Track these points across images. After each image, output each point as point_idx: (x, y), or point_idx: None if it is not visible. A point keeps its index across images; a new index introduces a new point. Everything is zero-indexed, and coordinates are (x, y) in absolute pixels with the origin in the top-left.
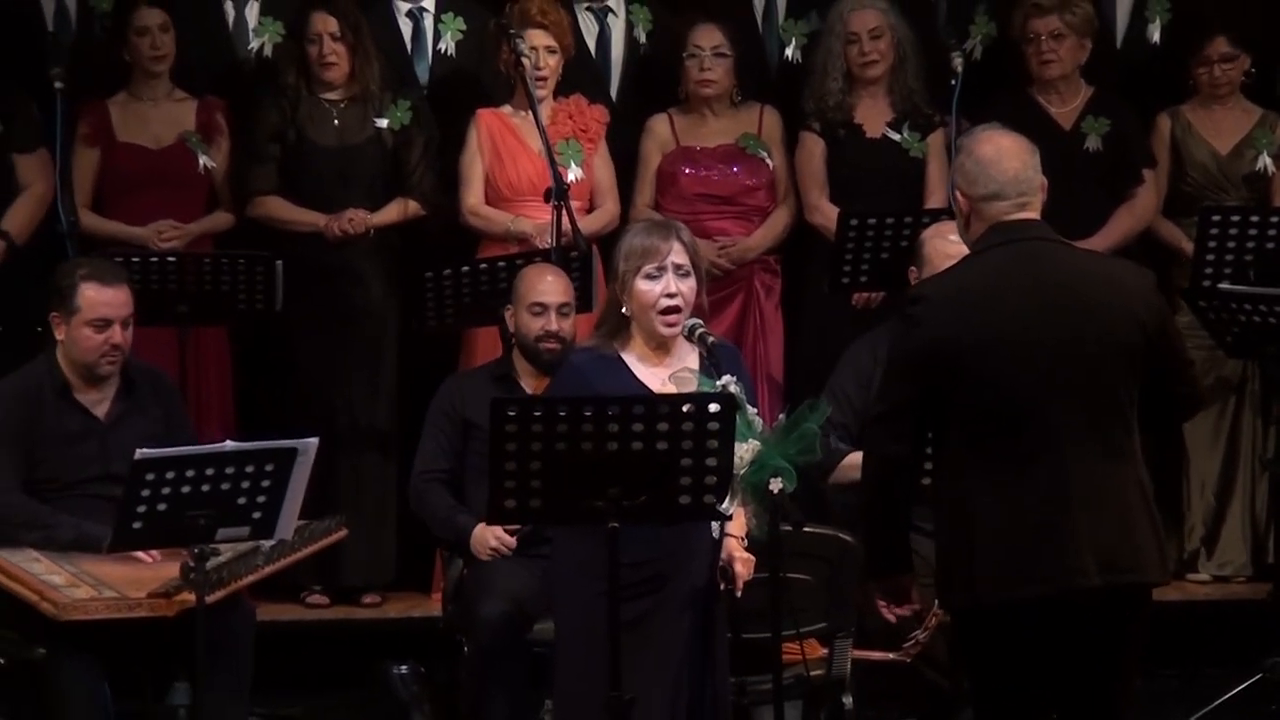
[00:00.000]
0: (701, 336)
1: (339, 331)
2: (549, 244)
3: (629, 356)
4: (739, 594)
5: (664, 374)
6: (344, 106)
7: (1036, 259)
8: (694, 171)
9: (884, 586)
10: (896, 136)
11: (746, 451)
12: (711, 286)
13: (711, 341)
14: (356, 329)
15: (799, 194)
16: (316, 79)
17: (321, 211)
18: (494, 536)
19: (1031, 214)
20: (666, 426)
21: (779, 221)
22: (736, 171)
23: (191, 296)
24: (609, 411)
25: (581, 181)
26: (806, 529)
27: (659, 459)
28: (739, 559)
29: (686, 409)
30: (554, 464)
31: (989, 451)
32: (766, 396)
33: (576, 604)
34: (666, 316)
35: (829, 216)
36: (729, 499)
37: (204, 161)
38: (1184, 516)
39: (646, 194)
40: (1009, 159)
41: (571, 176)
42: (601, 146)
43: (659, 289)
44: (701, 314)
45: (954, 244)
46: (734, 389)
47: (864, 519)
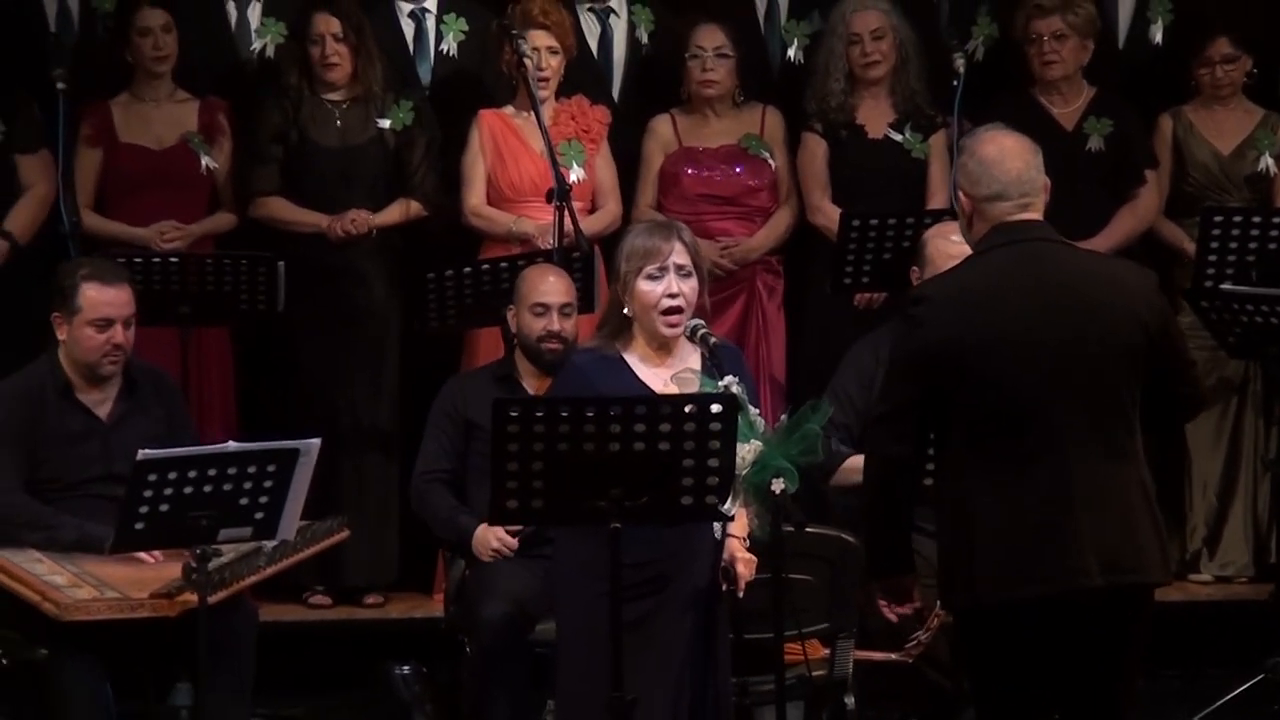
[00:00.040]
0: (703, 337)
1: (341, 332)
2: (551, 244)
3: (631, 357)
4: (741, 594)
5: (666, 374)
6: (346, 107)
7: (1039, 259)
8: (696, 172)
9: (885, 586)
10: (898, 137)
11: (748, 452)
12: (714, 287)
13: (713, 342)
14: (359, 329)
15: (801, 195)
16: (319, 80)
17: (324, 212)
18: (495, 538)
19: (1034, 214)
20: (669, 427)
21: (781, 222)
22: (739, 172)
23: (193, 297)
24: (611, 412)
25: (583, 182)
26: (808, 529)
27: (661, 459)
28: (741, 559)
29: (688, 409)
30: (556, 464)
31: (991, 452)
32: (769, 397)
33: (578, 604)
34: (668, 317)
35: (831, 217)
36: (731, 500)
37: (206, 162)
38: (1186, 517)
39: (649, 195)
40: (1012, 159)
41: (573, 177)
42: (603, 147)
43: (661, 289)
44: (703, 314)
45: (956, 244)
46: (736, 389)
47: (866, 519)
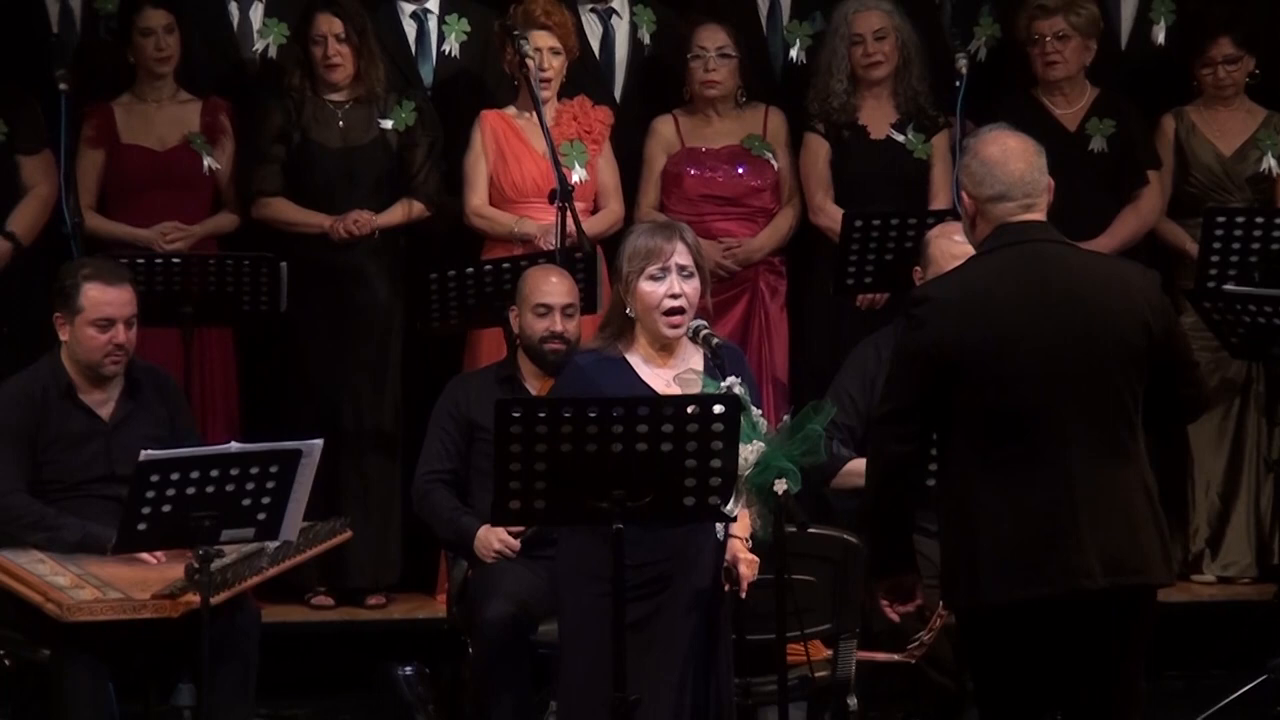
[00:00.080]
0: (706, 338)
1: (344, 333)
2: (553, 245)
3: (633, 358)
4: (743, 595)
5: (668, 375)
6: (349, 108)
7: (1042, 260)
8: (699, 173)
9: (887, 586)
10: (901, 138)
11: (751, 453)
12: (717, 288)
13: (716, 343)
14: (361, 330)
15: (803, 195)
16: (321, 80)
17: (326, 213)
18: (498, 539)
19: (1037, 215)
20: (671, 428)
21: (784, 223)
22: (741, 173)
23: (196, 298)
24: (613, 412)
25: (585, 183)
26: (811, 530)
27: (663, 460)
28: (743, 560)
29: (691, 410)
30: (558, 465)
31: (993, 452)
32: (771, 398)
33: (581, 605)
34: (670, 318)
35: (833, 218)
36: (733, 500)
37: (208, 163)
38: (1189, 518)
39: (651, 195)
40: (1015, 160)
41: (576, 178)
42: (606, 148)
43: (663, 290)
44: (705, 315)
45: (959, 244)
46: (738, 390)
47: (868, 519)
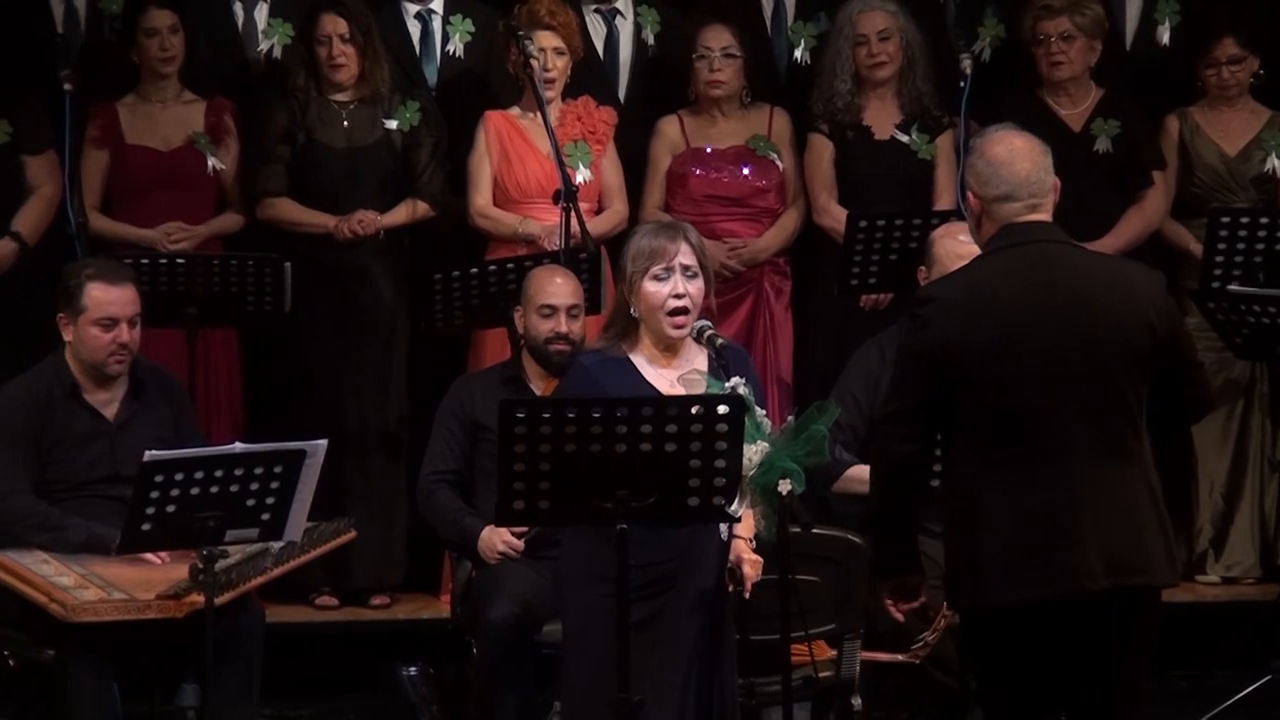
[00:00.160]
0: (710, 338)
1: (348, 333)
2: (557, 246)
3: (637, 358)
4: (747, 596)
5: (672, 375)
6: (353, 108)
7: (1046, 261)
8: (704, 173)
9: (891, 585)
10: (905, 138)
11: (755, 453)
12: (721, 288)
13: (720, 343)
14: (365, 330)
15: (808, 196)
16: (326, 80)
17: (331, 213)
18: (501, 540)
19: (1043, 215)
20: (675, 428)
21: (789, 223)
22: (746, 173)
23: (200, 298)
24: (617, 413)
25: (590, 183)
26: (815, 530)
27: (667, 461)
28: (747, 560)
29: (695, 410)
30: (563, 465)
31: (996, 453)
32: (775, 398)
33: (585, 606)
34: (674, 318)
35: (837, 219)
36: (737, 501)
37: (213, 163)
38: (1194, 519)
39: (656, 195)
40: (1021, 160)
41: (580, 178)
42: (610, 148)
43: (666, 290)
44: (710, 316)
45: (964, 244)
46: (743, 391)
47: (872, 519)
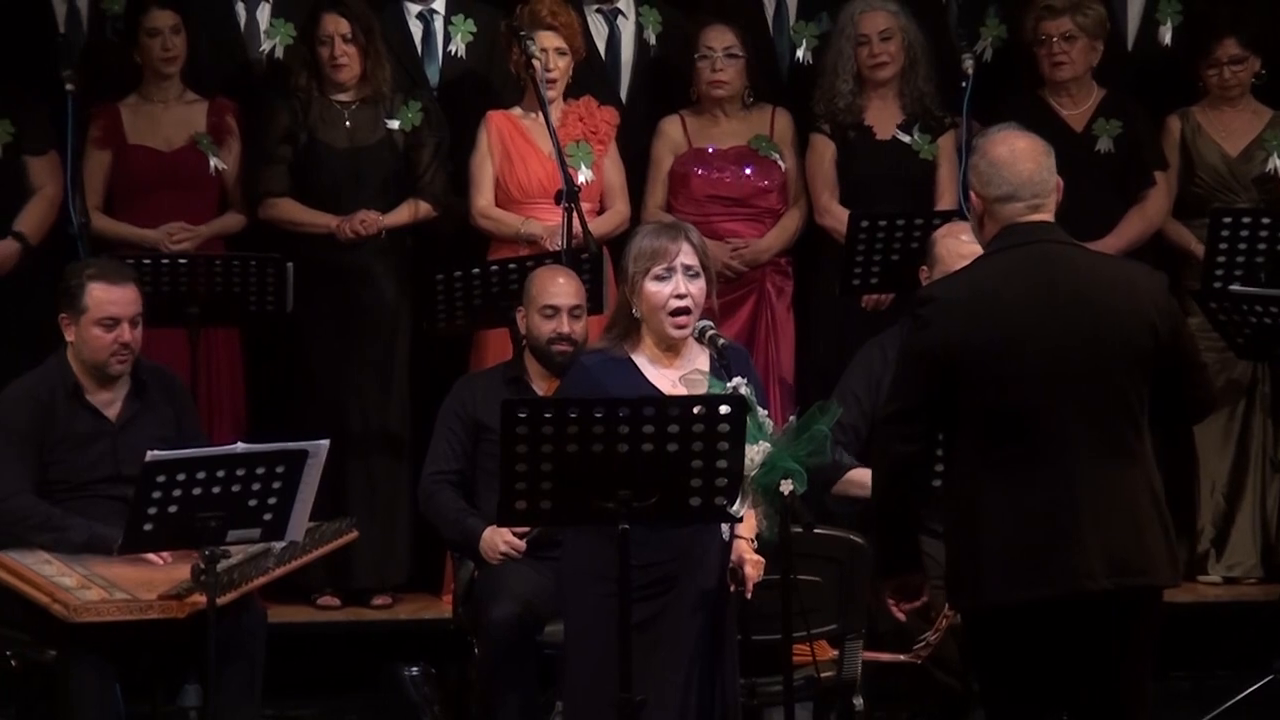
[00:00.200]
0: (712, 338)
1: (350, 333)
2: (559, 246)
3: (639, 358)
4: (749, 596)
5: (674, 376)
6: (355, 108)
7: (1048, 261)
8: (706, 173)
9: (893, 585)
10: (907, 138)
11: (757, 453)
12: (724, 288)
13: (722, 343)
14: (368, 330)
15: (810, 196)
16: (328, 81)
17: (333, 213)
18: (503, 540)
19: (1045, 216)
20: (677, 428)
21: (791, 223)
22: (749, 173)
23: (202, 298)
24: (619, 413)
25: (591, 183)
26: (817, 530)
27: (669, 461)
28: (749, 561)
29: (697, 411)
30: (564, 465)
31: (998, 453)
32: (777, 398)
33: (587, 606)
34: (676, 318)
35: (839, 219)
36: (739, 501)
37: (215, 163)
38: (1197, 519)
39: (658, 195)
40: (1023, 160)
41: (582, 178)
42: (611, 148)
43: (668, 290)
44: (711, 316)
45: (966, 244)
46: (744, 391)
47: (875, 519)
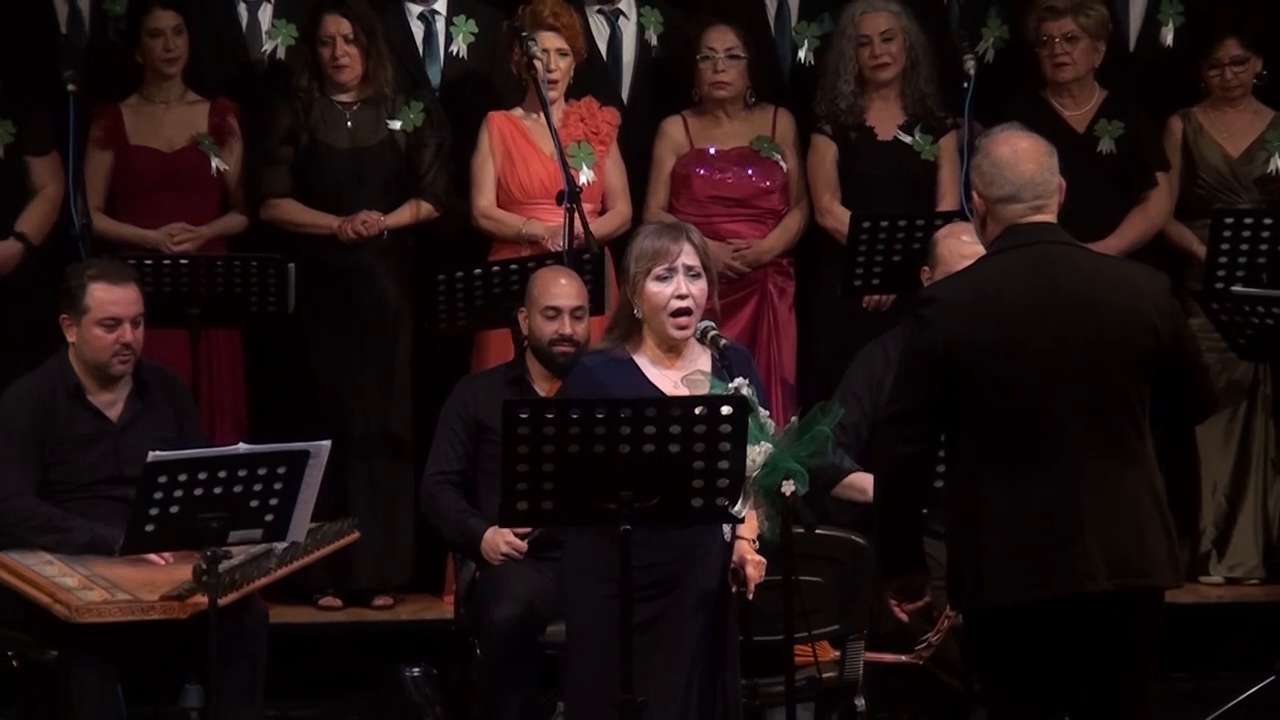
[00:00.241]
0: (714, 339)
1: (352, 333)
2: (561, 246)
3: (641, 359)
4: (750, 596)
5: (676, 376)
6: (357, 109)
7: (1050, 262)
8: (708, 174)
9: (896, 585)
10: (908, 139)
11: (758, 454)
12: (725, 289)
13: (723, 344)
14: (369, 331)
15: (811, 197)
16: (329, 81)
17: (334, 214)
18: (505, 541)
19: (1047, 216)
20: (678, 429)
21: (793, 224)
22: (751, 174)
23: (204, 299)
24: (621, 414)
25: (593, 184)
26: (819, 531)
27: (671, 461)
28: (750, 561)
29: (698, 411)
30: (566, 466)
31: (999, 454)
32: (779, 399)
33: (588, 606)
34: (677, 319)
35: (840, 219)
36: (741, 501)
37: (216, 164)
38: (1198, 520)
39: (660, 196)
40: (1026, 161)
41: (583, 179)
42: (613, 149)
43: (669, 291)
44: (713, 316)
45: (968, 244)
46: (746, 391)
47: (877, 519)
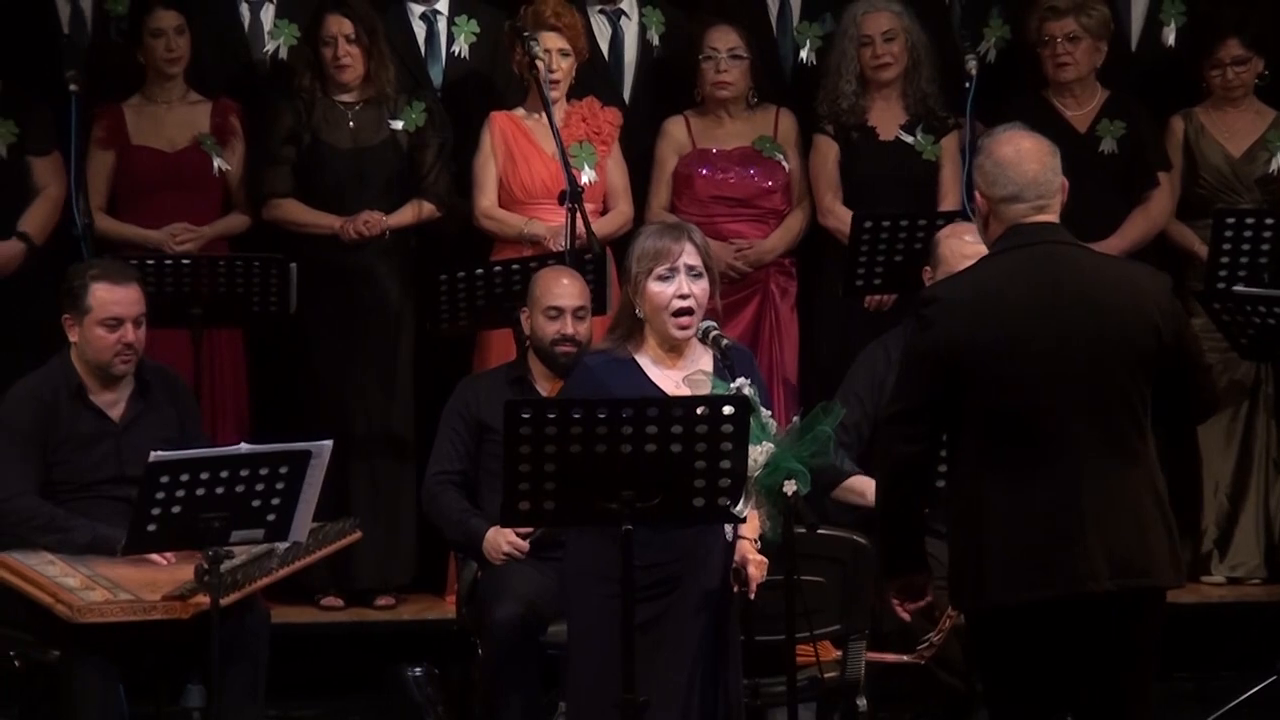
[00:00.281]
0: (715, 339)
1: (354, 333)
2: (563, 247)
3: (642, 359)
4: (752, 596)
5: (678, 376)
6: (359, 109)
7: (1052, 262)
8: (710, 174)
9: (898, 585)
10: (910, 139)
11: (760, 454)
12: (727, 289)
13: (725, 344)
14: (371, 331)
15: (813, 197)
16: (331, 81)
17: (337, 214)
18: (506, 541)
19: (1050, 216)
20: (680, 429)
21: (795, 224)
22: (753, 174)
23: (206, 299)
24: (623, 413)
25: (595, 184)
26: (820, 531)
27: (673, 461)
28: (752, 561)
29: (700, 411)
30: (568, 466)
31: (1001, 453)
32: (781, 399)
33: (590, 606)
34: (679, 319)
35: (842, 219)
36: (742, 501)
37: (218, 164)
38: (1200, 520)
39: (662, 196)
40: (1029, 161)
41: (585, 179)
42: (615, 149)
43: (671, 291)
44: (715, 316)
45: (970, 244)
46: (748, 391)
47: (879, 519)
